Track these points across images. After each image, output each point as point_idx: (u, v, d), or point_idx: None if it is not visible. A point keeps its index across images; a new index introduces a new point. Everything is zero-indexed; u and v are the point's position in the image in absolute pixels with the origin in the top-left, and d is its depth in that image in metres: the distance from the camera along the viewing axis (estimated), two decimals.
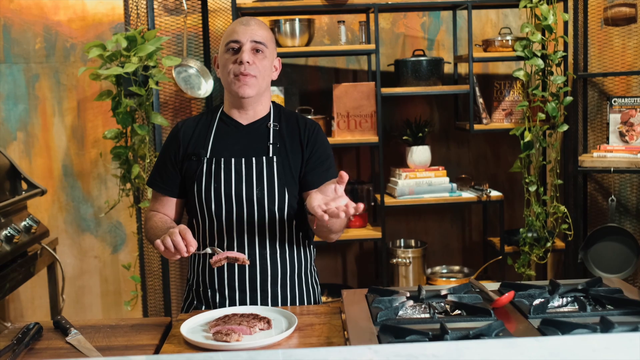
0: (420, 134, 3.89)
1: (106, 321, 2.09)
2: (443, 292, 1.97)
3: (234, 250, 2.19)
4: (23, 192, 3.21)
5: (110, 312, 4.12)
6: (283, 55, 3.66)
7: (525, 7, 3.69)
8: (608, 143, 3.92)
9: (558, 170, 3.80)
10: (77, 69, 3.90)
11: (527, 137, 3.70)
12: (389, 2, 3.71)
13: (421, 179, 3.85)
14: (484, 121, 3.90)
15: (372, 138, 3.76)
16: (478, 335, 1.60)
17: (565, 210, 3.76)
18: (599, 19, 3.96)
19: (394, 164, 4.02)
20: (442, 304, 1.91)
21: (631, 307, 1.81)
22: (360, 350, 1.36)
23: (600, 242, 3.80)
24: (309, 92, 4.12)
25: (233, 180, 2.19)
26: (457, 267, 4.16)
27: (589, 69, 4.02)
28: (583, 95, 4.02)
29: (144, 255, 3.69)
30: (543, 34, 3.73)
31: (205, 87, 3.67)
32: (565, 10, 3.78)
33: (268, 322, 1.90)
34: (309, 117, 3.45)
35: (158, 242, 1.98)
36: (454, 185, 3.88)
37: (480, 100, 3.89)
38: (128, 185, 3.50)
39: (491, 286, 2.09)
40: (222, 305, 2.21)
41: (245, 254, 2.18)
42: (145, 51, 3.24)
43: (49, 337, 1.94)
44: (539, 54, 3.69)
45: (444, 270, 4.16)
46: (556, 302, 1.90)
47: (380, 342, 1.64)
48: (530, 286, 2.01)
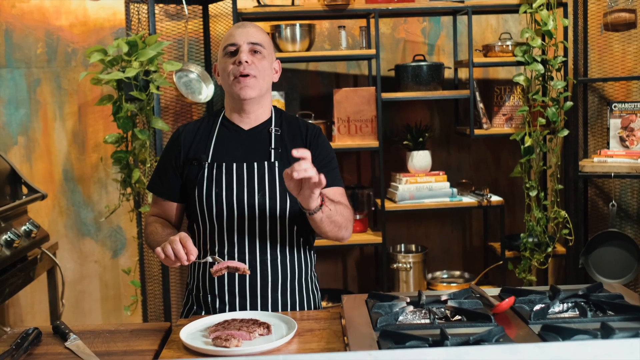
0: (420, 139, 3.89)
1: (105, 326, 2.08)
2: (443, 298, 1.97)
3: (234, 257, 2.19)
4: (23, 197, 3.21)
5: (110, 317, 4.12)
6: (284, 60, 3.66)
7: (525, 12, 3.69)
8: (608, 148, 3.91)
9: (558, 175, 3.80)
10: (78, 74, 3.90)
11: (528, 142, 3.70)
12: (390, 8, 3.72)
13: (422, 184, 3.85)
14: (485, 126, 3.90)
15: (373, 143, 3.76)
16: (478, 341, 1.60)
17: (566, 215, 3.75)
18: (598, 24, 3.96)
19: (394, 169, 4.01)
20: (443, 310, 1.91)
21: (632, 313, 1.80)
22: (359, 356, 1.36)
23: (601, 247, 3.79)
24: (309, 97, 4.12)
25: (234, 185, 2.19)
26: (457, 272, 4.16)
27: (589, 74, 4.02)
28: (583, 100, 4.02)
29: (144, 260, 3.69)
30: (543, 39, 3.73)
31: (206, 91, 3.67)
32: (565, 15, 3.78)
33: (268, 327, 1.89)
34: (309, 121, 3.44)
35: (158, 249, 1.98)
36: (455, 190, 3.88)
37: (481, 105, 3.89)
38: (128, 190, 3.50)
39: (491, 291, 2.08)
40: (222, 310, 2.20)
41: (245, 260, 2.18)
42: (146, 56, 3.24)
43: (48, 342, 1.93)
44: (539, 59, 3.70)
45: (445, 276, 4.15)
46: (557, 307, 1.89)
47: (380, 348, 1.63)
48: (531, 292, 2.00)
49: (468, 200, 3.87)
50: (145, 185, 3.37)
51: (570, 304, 1.90)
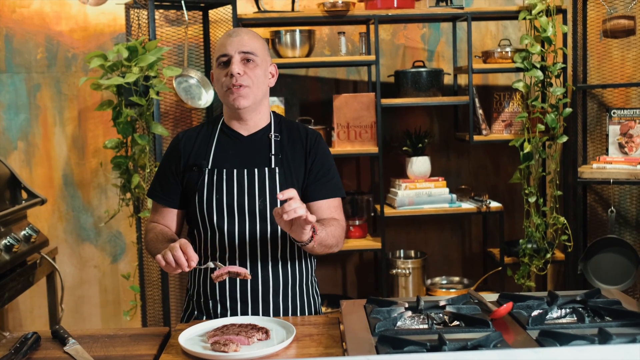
0: (420, 145, 3.89)
1: (104, 331, 2.08)
2: (442, 303, 1.97)
3: (235, 263, 2.19)
4: (23, 202, 3.21)
5: (109, 322, 4.12)
6: (283, 65, 3.67)
7: (524, 18, 3.70)
8: (607, 154, 3.92)
9: (558, 182, 3.81)
10: (78, 79, 3.91)
11: (527, 148, 3.70)
12: (389, 14, 3.73)
13: (421, 190, 3.86)
14: (484, 132, 3.90)
15: (372, 149, 3.77)
16: (476, 346, 1.60)
17: (565, 221, 3.76)
18: (598, 31, 3.97)
19: (393, 175, 4.02)
20: (441, 315, 1.91)
21: (629, 319, 1.81)
22: None
23: (599, 253, 3.79)
24: (309, 103, 4.13)
25: (235, 191, 2.19)
26: (456, 278, 4.16)
27: (588, 81, 4.03)
28: (582, 107, 4.03)
29: (144, 265, 3.69)
30: (542, 46, 3.74)
31: (206, 97, 3.68)
32: (565, 22, 3.79)
33: (266, 332, 1.89)
34: (309, 127, 3.45)
35: (159, 257, 1.97)
36: (454, 196, 3.88)
37: (480, 112, 3.90)
38: (128, 195, 3.50)
39: (490, 297, 2.09)
40: (223, 315, 2.21)
41: (246, 266, 2.18)
42: (146, 61, 3.25)
43: (47, 347, 1.94)
44: (538, 66, 3.71)
45: (444, 281, 4.15)
46: (554, 313, 1.90)
47: (378, 353, 1.64)
48: (529, 297, 2.01)
49: (467, 206, 3.87)
50: (145, 191, 3.37)
51: (568, 310, 1.91)
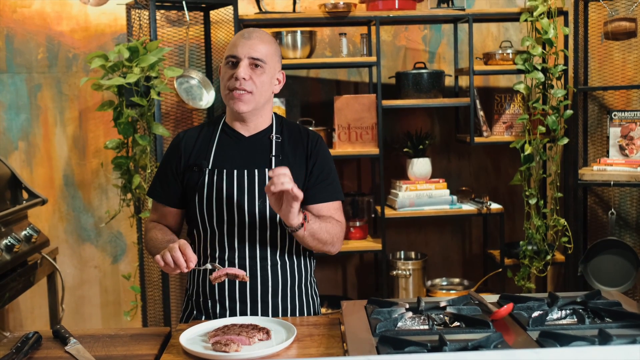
0: (420, 146, 3.89)
1: (105, 331, 2.09)
2: (442, 304, 1.97)
3: (234, 263, 2.19)
4: (24, 202, 3.22)
5: (110, 322, 4.12)
6: (284, 67, 3.64)
7: (526, 20, 3.71)
8: (608, 156, 3.92)
9: (558, 184, 3.81)
10: (79, 79, 3.91)
11: (528, 150, 3.71)
12: (391, 15, 3.73)
13: (422, 191, 3.86)
14: (485, 134, 3.90)
15: (373, 150, 3.77)
16: (476, 347, 1.60)
17: (565, 223, 3.76)
18: (599, 33, 3.98)
19: (394, 176, 4.02)
20: (441, 316, 1.91)
21: (629, 320, 1.81)
22: None
23: (600, 255, 3.80)
24: (310, 104, 4.13)
25: (235, 191, 2.19)
26: (457, 280, 4.16)
27: (589, 83, 4.03)
28: (583, 109, 4.03)
29: (144, 266, 3.69)
30: (544, 48, 3.74)
31: (207, 98, 3.68)
32: (566, 24, 3.79)
33: (267, 332, 1.90)
34: (309, 128, 3.45)
35: (158, 257, 1.98)
36: (455, 197, 3.88)
37: (481, 113, 3.90)
38: (129, 196, 3.50)
39: (490, 298, 2.09)
40: (222, 315, 2.21)
41: (245, 266, 2.19)
42: (147, 62, 3.25)
43: (48, 347, 1.94)
44: (539, 68, 3.71)
45: (444, 283, 4.15)
46: (555, 314, 1.90)
47: (379, 353, 1.64)
48: (529, 298, 2.01)
49: (468, 207, 3.87)
50: (146, 191, 3.37)
51: (568, 311, 1.91)
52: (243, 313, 2.20)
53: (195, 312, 2.28)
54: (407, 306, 1.97)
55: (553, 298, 1.98)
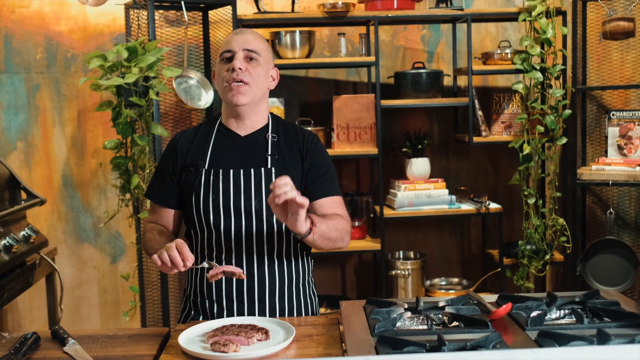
0: (419, 146, 3.89)
1: (104, 331, 2.08)
2: (441, 304, 1.97)
3: (232, 263, 2.19)
4: (22, 202, 3.22)
5: (108, 323, 4.12)
6: (283, 66, 3.67)
7: (524, 20, 3.71)
8: (606, 156, 3.92)
9: (557, 183, 3.81)
10: (77, 79, 3.91)
11: (526, 149, 3.71)
12: (389, 15, 3.73)
13: (420, 191, 3.86)
14: (483, 134, 3.91)
15: (372, 150, 3.77)
16: (475, 346, 1.60)
17: (564, 223, 3.76)
18: (597, 32, 3.98)
19: (393, 176, 4.02)
20: (440, 316, 1.91)
21: (628, 320, 1.81)
22: None
23: (598, 255, 3.80)
24: (309, 104, 4.13)
25: (232, 191, 2.19)
26: (456, 279, 4.16)
27: (588, 82, 4.03)
28: (582, 109, 4.03)
29: (143, 266, 3.69)
30: (542, 47, 3.74)
31: (206, 98, 3.68)
32: (564, 24, 3.79)
33: (266, 332, 1.90)
34: (308, 128, 3.46)
35: (155, 256, 1.98)
36: (453, 197, 3.89)
37: (480, 113, 3.90)
38: (127, 196, 3.50)
39: (489, 298, 2.09)
40: (220, 315, 2.21)
41: (243, 266, 2.19)
42: (145, 62, 3.25)
43: (46, 347, 1.94)
44: (538, 67, 3.71)
45: (443, 282, 4.16)
46: (553, 314, 1.90)
47: (377, 353, 1.64)
48: (528, 298, 2.01)
49: (466, 207, 3.87)
50: (144, 191, 3.37)
51: (566, 311, 1.91)
52: (241, 313, 2.20)
53: (193, 313, 2.28)
54: (406, 306, 1.97)
55: (551, 298, 1.98)
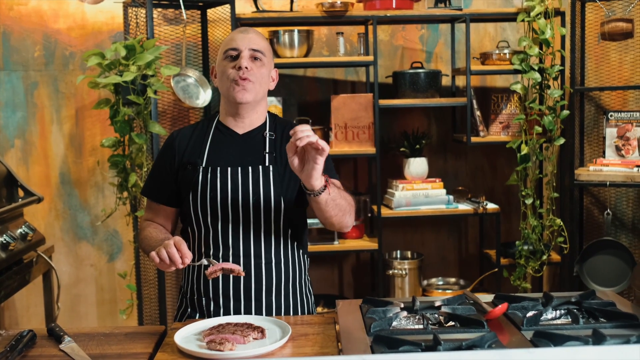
0: (417, 146, 3.89)
1: (100, 329, 2.08)
2: (437, 304, 1.98)
3: (229, 260, 2.19)
4: (20, 200, 3.21)
5: (105, 321, 4.12)
6: (282, 65, 3.67)
7: (523, 20, 3.71)
8: (604, 157, 3.93)
9: (554, 184, 3.81)
10: (75, 77, 3.91)
11: (524, 150, 3.71)
12: (388, 15, 3.73)
13: (418, 191, 3.86)
14: (481, 134, 3.91)
15: (370, 149, 3.77)
16: (471, 346, 1.61)
17: (561, 223, 3.76)
18: (596, 33, 3.98)
19: (391, 176, 4.02)
20: (436, 315, 1.91)
21: (623, 320, 1.81)
22: None
23: (595, 255, 3.80)
24: (307, 103, 4.13)
25: (229, 189, 2.19)
26: (453, 279, 4.16)
27: (586, 83, 4.04)
28: (580, 109, 4.04)
29: (140, 264, 3.69)
30: (540, 48, 3.74)
31: (204, 96, 3.68)
32: (563, 24, 3.79)
33: (262, 331, 1.90)
34: None
35: (153, 254, 1.98)
36: (451, 197, 3.89)
37: (478, 113, 3.90)
38: (125, 194, 3.50)
39: (486, 298, 2.09)
40: (216, 314, 2.21)
41: (240, 264, 2.19)
42: (144, 60, 3.25)
43: (42, 345, 1.94)
44: (536, 68, 3.71)
45: (440, 282, 4.16)
46: (549, 314, 1.90)
47: (373, 353, 1.64)
48: (524, 298, 2.01)
49: (464, 207, 3.87)
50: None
51: (562, 311, 1.91)
52: (237, 311, 2.20)
53: (189, 310, 2.28)
54: (402, 306, 1.98)
55: (547, 298, 1.99)
